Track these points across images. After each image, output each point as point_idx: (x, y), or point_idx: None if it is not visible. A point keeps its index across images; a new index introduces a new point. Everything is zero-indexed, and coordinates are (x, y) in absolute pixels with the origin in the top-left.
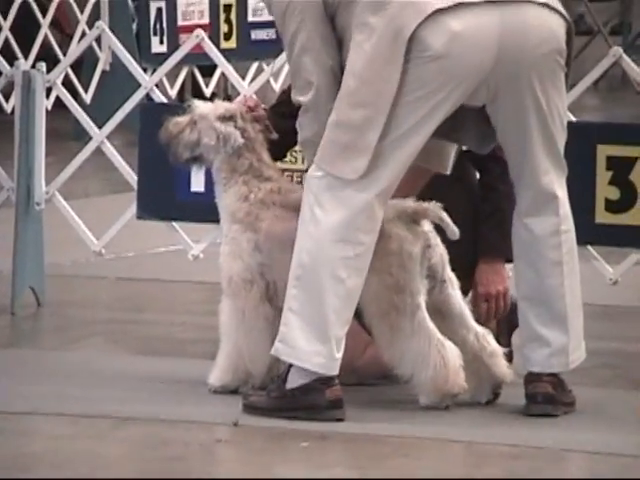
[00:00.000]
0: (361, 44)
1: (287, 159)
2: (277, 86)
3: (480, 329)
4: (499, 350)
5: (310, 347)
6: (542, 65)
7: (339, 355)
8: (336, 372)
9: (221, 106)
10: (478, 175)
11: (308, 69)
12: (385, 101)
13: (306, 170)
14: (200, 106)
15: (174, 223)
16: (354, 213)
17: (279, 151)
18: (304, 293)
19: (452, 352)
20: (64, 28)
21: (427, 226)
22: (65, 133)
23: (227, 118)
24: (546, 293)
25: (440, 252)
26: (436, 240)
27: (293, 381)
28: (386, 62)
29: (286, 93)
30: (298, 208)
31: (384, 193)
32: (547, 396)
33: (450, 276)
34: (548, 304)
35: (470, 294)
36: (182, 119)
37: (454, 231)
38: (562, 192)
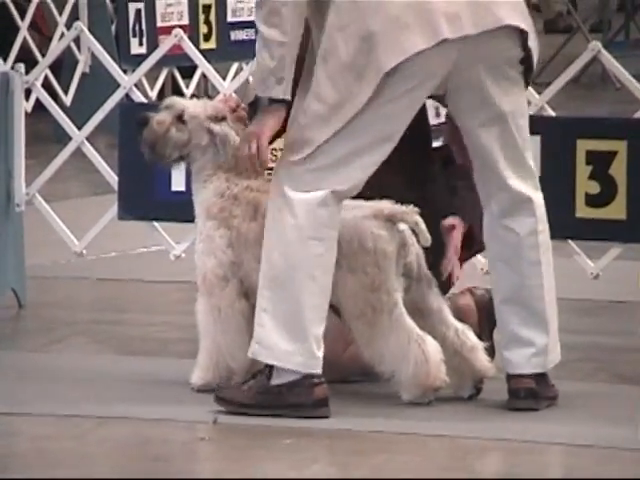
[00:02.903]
0: (338, 45)
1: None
2: None
3: (460, 325)
4: (479, 345)
5: (289, 347)
6: (494, 71)
7: (320, 354)
8: (318, 370)
9: (210, 106)
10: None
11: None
12: (346, 114)
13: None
14: (189, 106)
15: (155, 223)
16: (316, 208)
17: None
18: (278, 293)
19: (432, 346)
20: (43, 30)
21: (402, 225)
22: (46, 136)
23: (219, 119)
24: (526, 293)
25: (416, 251)
26: (412, 239)
27: (279, 377)
28: (357, 79)
29: None
30: (264, 211)
31: (342, 193)
32: (530, 391)
33: (426, 274)
34: (528, 304)
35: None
36: (164, 117)
37: (427, 238)
38: (536, 194)
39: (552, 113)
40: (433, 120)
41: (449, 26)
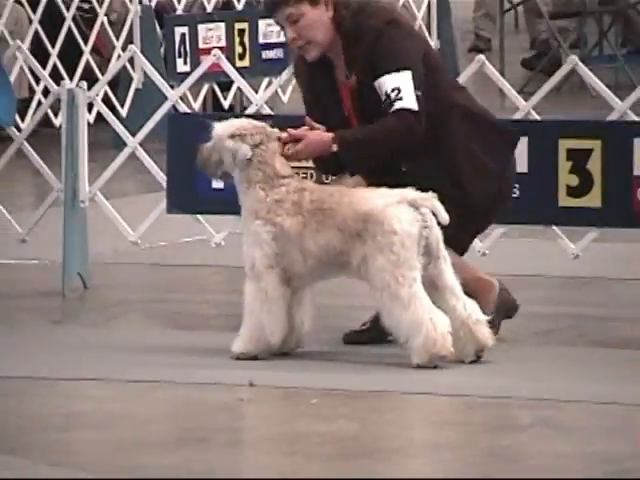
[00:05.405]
0: None
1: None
2: (285, 97)
3: (468, 300)
4: (483, 318)
5: None
6: None
7: None
8: None
9: (232, 125)
10: None
11: None
12: None
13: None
14: (217, 127)
15: (199, 216)
16: None
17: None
18: None
19: (442, 320)
20: (102, 52)
21: (424, 209)
22: (105, 143)
23: (238, 136)
24: None
25: (435, 232)
26: (432, 222)
27: None
28: None
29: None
30: (307, 206)
31: None
32: None
33: (444, 253)
34: None
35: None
36: (208, 144)
37: (445, 218)
38: None
39: (537, 117)
40: None
41: None
